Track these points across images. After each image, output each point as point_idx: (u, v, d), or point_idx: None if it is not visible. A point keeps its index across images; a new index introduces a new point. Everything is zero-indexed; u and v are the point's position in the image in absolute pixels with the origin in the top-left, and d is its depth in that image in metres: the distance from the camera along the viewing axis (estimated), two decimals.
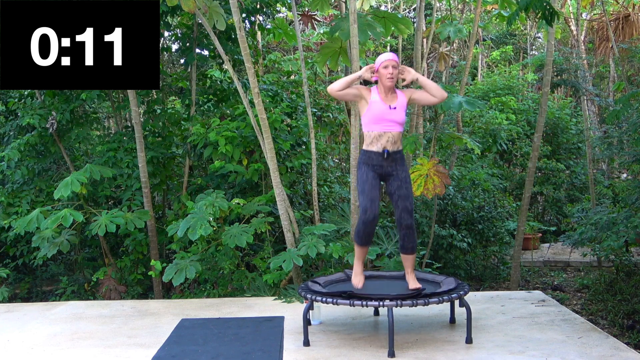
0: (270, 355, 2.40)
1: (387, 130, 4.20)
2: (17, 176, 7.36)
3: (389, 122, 4.20)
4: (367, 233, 4.27)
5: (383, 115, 4.19)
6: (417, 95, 4.34)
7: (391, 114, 4.19)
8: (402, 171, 4.28)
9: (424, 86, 4.31)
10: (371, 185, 4.21)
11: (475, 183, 8.57)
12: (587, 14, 13.58)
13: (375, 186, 4.22)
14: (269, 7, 7.99)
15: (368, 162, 4.24)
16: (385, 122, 4.20)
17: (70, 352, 4.26)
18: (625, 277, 7.15)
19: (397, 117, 4.21)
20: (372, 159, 4.22)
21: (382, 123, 4.20)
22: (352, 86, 4.28)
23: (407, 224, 4.26)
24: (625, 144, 7.49)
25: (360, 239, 4.31)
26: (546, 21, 4.78)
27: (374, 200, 4.20)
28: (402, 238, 4.32)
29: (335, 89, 4.23)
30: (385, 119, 4.19)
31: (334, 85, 4.25)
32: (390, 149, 4.20)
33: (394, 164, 4.24)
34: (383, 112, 4.19)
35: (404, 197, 4.25)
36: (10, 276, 7.26)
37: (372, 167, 4.23)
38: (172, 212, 7.25)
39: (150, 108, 7.94)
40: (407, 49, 14.56)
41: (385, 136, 4.19)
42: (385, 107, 4.20)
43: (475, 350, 4.00)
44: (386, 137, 4.19)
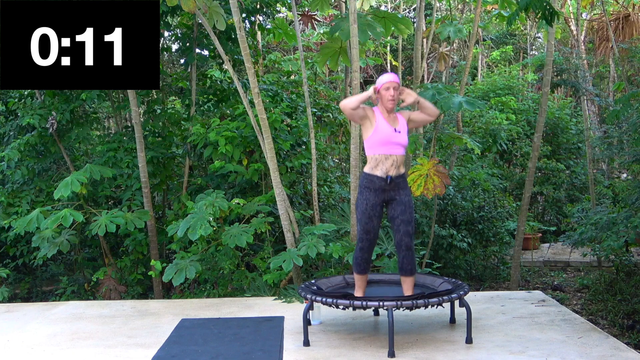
0: (270, 355, 2.40)
1: (392, 153, 4.14)
2: (17, 176, 7.36)
3: (395, 145, 4.15)
4: (364, 259, 4.29)
5: (389, 139, 4.14)
6: (415, 117, 4.33)
7: (397, 137, 4.15)
8: (405, 195, 4.22)
9: (423, 107, 4.27)
10: (368, 216, 4.17)
11: (475, 183, 8.57)
12: (587, 14, 13.58)
13: (372, 217, 4.18)
14: (269, 7, 7.99)
15: (370, 187, 4.17)
16: (391, 146, 4.14)
17: (70, 352, 4.26)
18: (625, 277, 7.15)
19: (402, 140, 4.17)
20: (374, 184, 4.16)
21: (388, 146, 4.14)
22: (360, 106, 4.17)
23: (407, 246, 4.20)
24: (625, 144, 7.49)
25: (359, 266, 4.32)
26: (546, 21, 4.78)
27: (369, 232, 4.20)
28: (402, 260, 4.25)
29: (349, 106, 4.12)
30: (392, 142, 4.14)
31: (350, 103, 4.13)
32: (393, 174, 4.14)
33: (396, 189, 4.18)
34: (389, 136, 4.14)
35: (407, 222, 4.19)
36: (10, 276, 7.26)
37: (374, 191, 4.16)
38: (172, 212, 7.25)
39: (150, 108, 7.94)
40: (407, 49, 14.56)
41: (391, 159, 4.14)
42: (391, 129, 4.15)
43: (475, 350, 4.00)
44: (391, 160, 4.14)
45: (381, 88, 4.18)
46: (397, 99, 4.20)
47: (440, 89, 5.62)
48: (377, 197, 4.16)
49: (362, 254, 4.28)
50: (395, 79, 4.20)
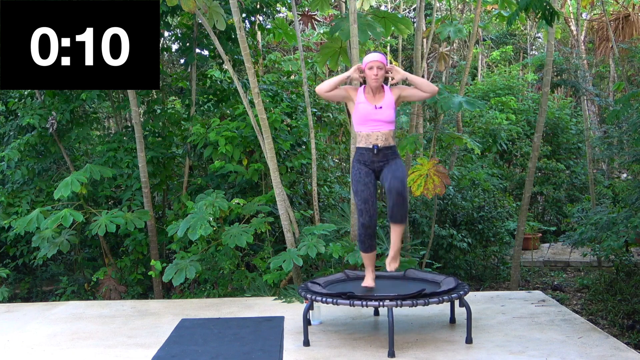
0: (270, 355, 2.40)
1: (374, 130, 4.22)
2: (17, 176, 7.36)
3: (376, 121, 4.22)
4: (368, 235, 4.28)
5: (369, 116, 4.22)
6: (407, 92, 4.35)
7: (377, 114, 4.21)
8: (395, 162, 4.26)
9: (414, 83, 4.31)
10: (363, 184, 4.24)
11: (475, 183, 8.57)
12: (587, 14, 13.58)
13: (367, 184, 4.24)
14: (269, 7, 7.98)
15: (360, 159, 4.29)
16: (372, 122, 4.22)
17: (70, 352, 4.26)
18: (625, 277, 7.15)
19: (383, 116, 4.21)
20: (363, 156, 4.27)
21: (368, 124, 4.23)
22: (339, 87, 4.28)
23: (397, 191, 4.12)
24: (625, 144, 7.49)
25: (363, 244, 4.33)
26: (546, 21, 4.78)
27: (367, 200, 4.22)
28: (391, 207, 4.17)
29: (323, 89, 4.25)
30: (371, 119, 4.22)
31: (322, 86, 4.27)
32: (380, 145, 4.22)
33: (385, 159, 4.25)
34: (368, 113, 4.21)
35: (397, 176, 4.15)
36: (10, 276, 7.25)
37: (364, 163, 4.27)
38: (172, 212, 7.25)
39: (150, 108, 7.94)
40: (407, 49, 14.56)
41: (374, 135, 4.22)
42: (370, 107, 4.21)
43: (475, 350, 4.00)
44: (375, 136, 4.22)
45: (365, 67, 4.26)
46: (382, 77, 4.24)
47: (440, 89, 5.62)
48: (368, 167, 4.26)
49: (364, 229, 4.27)
50: (379, 58, 4.24)
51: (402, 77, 4.30)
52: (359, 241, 4.36)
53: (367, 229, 4.27)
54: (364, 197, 4.24)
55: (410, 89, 4.36)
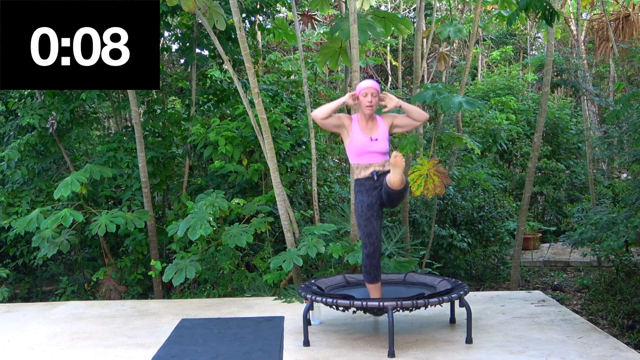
0: (270, 355, 2.40)
1: (371, 162, 4.17)
2: (17, 176, 7.36)
3: (372, 154, 4.16)
4: (373, 266, 4.26)
5: (365, 149, 4.15)
6: (399, 121, 4.28)
7: (372, 146, 4.15)
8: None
9: (406, 111, 4.24)
10: (365, 218, 4.18)
11: (475, 183, 8.57)
12: (587, 14, 13.58)
13: (369, 219, 4.18)
14: (269, 7, 7.98)
15: (361, 189, 4.21)
16: (368, 155, 4.16)
17: (70, 352, 4.26)
18: (625, 277, 7.15)
19: (379, 148, 4.16)
20: (363, 186, 4.20)
21: (365, 156, 4.17)
22: (333, 115, 4.17)
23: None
24: (625, 144, 7.50)
25: (369, 275, 4.30)
26: (546, 21, 4.78)
27: (370, 235, 4.19)
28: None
29: (319, 116, 4.13)
30: (368, 152, 4.16)
31: (319, 112, 4.15)
32: (379, 170, 4.17)
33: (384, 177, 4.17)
34: (365, 145, 4.15)
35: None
36: (10, 276, 7.26)
37: (365, 192, 4.19)
38: (172, 212, 7.25)
39: (150, 108, 7.94)
40: (407, 49, 14.56)
41: (371, 167, 4.17)
42: (366, 139, 4.15)
43: (475, 350, 4.00)
44: (372, 167, 4.17)
45: (359, 94, 4.18)
46: (376, 104, 4.17)
47: (440, 89, 5.62)
48: (371, 196, 4.18)
49: (369, 260, 4.25)
50: (373, 85, 4.18)
51: (396, 105, 4.20)
52: (365, 272, 4.32)
53: (372, 259, 4.24)
54: (368, 232, 4.20)
55: (402, 117, 4.29)
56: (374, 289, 4.35)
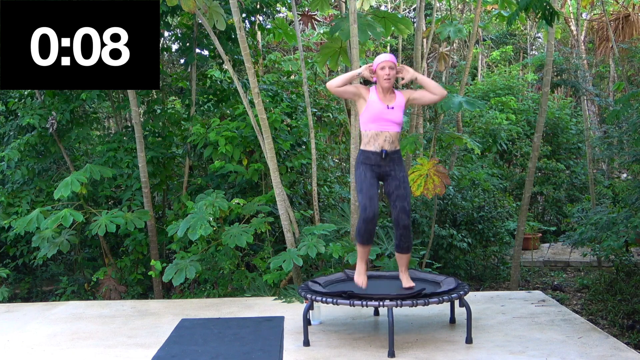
0: (270, 355, 2.40)
1: (384, 129, 4.21)
2: (17, 176, 7.36)
3: (386, 121, 4.21)
4: (368, 231, 4.26)
5: (380, 115, 4.20)
6: (417, 95, 4.36)
7: (388, 114, 4.20)
8: (400, 171, 4.28)
9: (424, 84, 4.32)
10: (369, 183, 4.22)
11: (475, 183, 8.57)
12: (587, 14, 13.58)
13: (373, 184, 4.23)
14: (269, 7, 7.98)
15: (366, 162, 4.24)
16: (383, 122, 4.21)
17: (70, 352, 4.26)
18: (625, 277, 7.14)
19: (394, 116, 4.21)
20: (369, 159, 4.23)
21: (379, 122, 4.21)
22: (351, 84, 4.31)
23: (404, 224, 4.28)
24: (625, 144, 7.49)
25: (362, 237, 4.30)
26: (546, 21, 4.78)
27: (372, 198, 4.21)
28: (399, 237, 4.33)
29: (334, 85, 4.26)
30: (383, 119, 4.20)
31: (333, 81, 4.28)
32: (388, 149, 4.21)
33: (392, 164, 4.25)
34: (381, 112, 4.20)
35: (402, 197, 4.26)
36: (10, 276, 7.25)
37: (369, 166, 4.23)
38: (172, 212, 7.25)
39: (150, 108, 7.93)
40: (407, 49, 14.55)
41: (383, 135, 4.20)
42: (383, 106, 4.21)
43: (475, 350, 4.00)
44: (383, 136, 4.20)
45: (377, 67, 4.25)
46: (394, 77, 4.25)
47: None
48: (373, 171, 4.24)
49: (365, 224, 4.21)
50: (390, 58, 4.25)
51: (412, 77, 4.30)
52: (358, 234, 4.32)
53: (368, 223, 4.22)
54: (370, 195, 4.21)
55: (420, 91, 4.36)
56: (362, 252, 4.36)
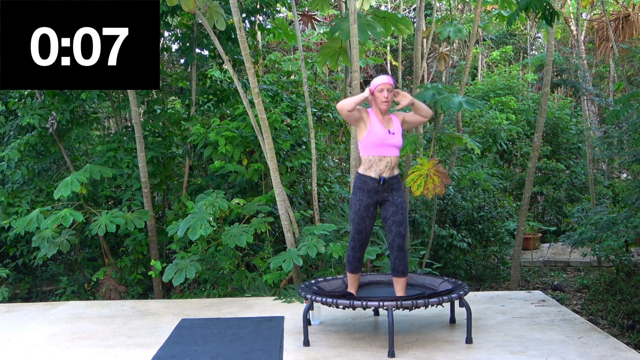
0: (270, 355, 2.40)
1: (386, 154, 4.17)
2: (17, 176, 7.36)
3: (389, 146, 4.18)
4: (356, 258, 4.32)
5: (383, 140, 4.16)
6: (409, 118, 4.35)
7: (391, 139, 4.18)
8: (399, 197, 4.24)
9: (418, 109, 4.29)
10: (360, 217, 4.20)
11: (475, 183, 8.57)
12: (587, 14, 13.58)
13: (364, 218, 4.20)
14: (269, 7, 7.98)
15: (363, 187, 4.20)
16: (385, 147, 4.17)
17: (70, 352, 4.26)
18: (625, 277, 7.15)
19: (396, 141, 4.20)
20: (367, 184, 4.18)
21: (382, 148, 4.17)
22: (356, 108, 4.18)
23: (399, 247, 4.23)
24: (625, 144, 7.49)
25: (350, 265, 4.36)
26: (546, 21, 4.78)
27: (361, 232, 4.24)
28: (394, 261, 4.28)
29: (346, 108, 4.12)
30: (386, 144, 4.17)
31: (346, 105, 4.12)
32: (387, 176, 4.17)
33: (390, 190, 4.21)
34: (383, 137, 4.16)
35: (399, 223, 4.22)
36: (10, 276, 7.25)
37: (367, 192, 4.19)
38: (172, 212, 7.25)
39: (150, 108, 7.94)
40: (407, 49, 14.56)
41: (385, 161, 4.17)
42: (385, 131, 4.18)
43: (475, 350, 4.00)
44: (385, 161, 4.17)
45: (375, 90, 4.21)
46: (391, 100, 4.22)
47: (440, 89, 5.62)
48: (371, 198, 4.19)
49: (353, 252, 4.33)
50: (389, 80, 4.23)
51: (409, 103, 4.24)
52: (347, 262, 4.38)
53: (356, 252, 4.32)
54: (359, 229, 4.24)
55: (411, 114, 4.35)
56: (352, 279, 4.41)
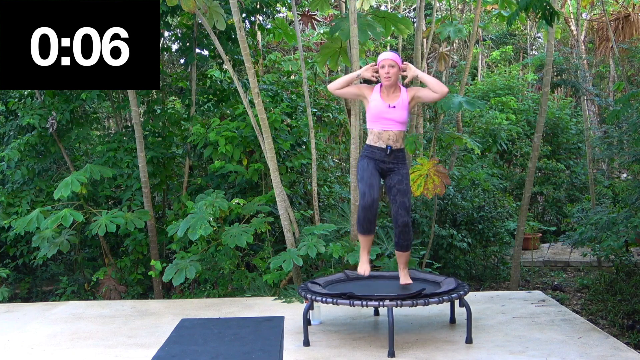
0: (270, 355, 2.40)
1: (386, 128, 4.26)
2: (17, 176, 7.36)
3: (388, 120, 4.25)
4: (367, 219, 4.27)
5: (381, 114, 4.25)
6: (421, 93, 4.37)
7: (389, 113, 4.24)
8: (403, 168, 4.34)
9: (425, 82, 4.34)
10: (370, 173, 4.26)
11: (475, 183, 8.57)
12: (587, 14, 13.58)
13: (374, 174, 4.27)
14: (269, 7, 7.98)
15: (370, 156, 4.30)
16: (384, 121, 4.25)
17: (70, 352, 4.26)
18: (625, 277, 7.14)
19: (395, 115, 4.24)
20: (374, 154, 4.29)
21: (380, 122, 4.26)
22: (352, 85, 4.39)
23: (403, 222, 4.29)
24: (625, 144, 7.48)
25: (362, 226, 4.33)
26: (546, 21, 4.78)
27: (372, 186, 4.24)
28: (398, 235, 4.36)
29: (335, 87, 4.40)
30: (384, 118, 4.25)
31: (334, 83, 4.40)
32: (393, 146, 4.26)
33: (395, 161, 4.30)
34: (381, 111, 4.25)
35: (403, 193, 4.29)
36: (10, 276, 7.25)
37: (373, 160, 4.29)
38: (172, 212, 7.25)
39: (150, 108, 7.93)
40: (407, 49, 14.55)
41: (386, 134, 4.26)
42: (384, 105, 4.25)
43: (475, 350, 4.00)
44: (387, 135, 4.26)
45: (379, 66, 4.32)
46: (394, 75, 4.27)
47: None
48: (377, 165, 4.29)
49: (364, 212, 4.25)
50: (391, 56, 4.29)
51: (414, 75, 4.33)
52: (358, 224, 4.35)
53: (367, 211, 4.24)
54: (370, 183, 4.24)
55: (424, 89, 4.38)
56: (364, 241, 4.39)
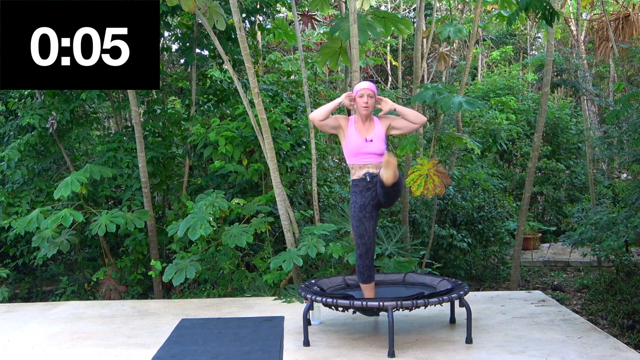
0: (270, 355, 2.40)
1: (365, 162, 4.19)
2: (17, 176, 7.36)
3: (366, 155, 4.18)
4: (366, 267, 4.27)
5: (359, 150, 4.18)
6: (397, 123, 4.29)
7: (367, 147, 4.17)
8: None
9: (403, 115, 4.26)
10: (358, 219, 4.21)
11: (475, 183, 8.57)
12: (587, 14, 13.58)
13: (362, 219, 4.20)
14: (269, 7, 7.98)
15: (355, 190, 4.24)
16: (363, 156, 4.18)
17: (70, 352, 4.26)
18: (625, 277, 7.15)
19: (374, 149, 4.17)
20: (358, 187, 4.23)
21: (359, 157, 4.19)
22: (330, 116, 4.22)
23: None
24: (625, 144, 7.49)
25: (362, 275, 4.31)
26: (546, 21, 4.78)
27: (362, 235, 4.22)
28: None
29: (317, 118, 4.21)
30: (362, 153, 4.18)
31: (316, 114, 4.22)
32: (372, 172, 4.18)
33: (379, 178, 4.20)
34: (359, 147, 4.17)
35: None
36: (10, 276, 7.26)
37: (359, 193, 4.22)
38: (172, 212, 7.25)
39: (150, 108, 7.93)
40: (407, 49, 14.56)
41: (365, 168, 4.19)
42: (361, 140, 4.17)
43: (475, 350, 4.00)
44: (366, 169, 4.19)
45: (356, 95, 4.22)
46: (372, 105, 4.20)
47: (440, 89, 5.62)
48: (364, 197, 4.21)
49: (361, 261, 4.28)
50: (369, 86, 4.22)
51: (391, 108, 4.24)
52: (358, 272, 4.35)
53: (364, 260, 4.26)
54: (360, 233, 4.23)
55: (399, 119, 4.30)
56: (367, 289, 4.38)
